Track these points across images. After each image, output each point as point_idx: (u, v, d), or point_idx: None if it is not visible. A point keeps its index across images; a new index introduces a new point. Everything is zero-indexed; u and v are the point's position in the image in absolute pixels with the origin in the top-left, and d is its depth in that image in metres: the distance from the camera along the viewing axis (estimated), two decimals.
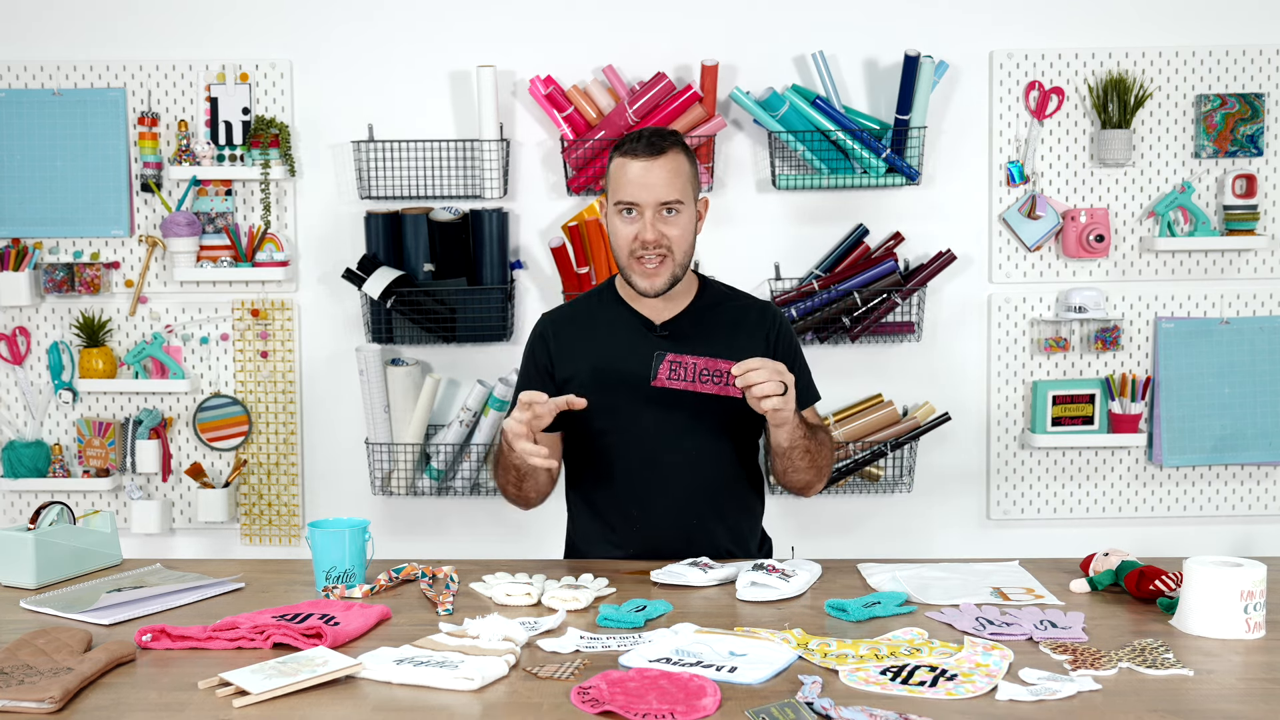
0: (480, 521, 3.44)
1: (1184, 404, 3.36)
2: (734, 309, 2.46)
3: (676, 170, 2.30)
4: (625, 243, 2.32)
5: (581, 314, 2.49)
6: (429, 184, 3.33)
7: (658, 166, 2.28)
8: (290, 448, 3.42)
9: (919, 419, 3.33)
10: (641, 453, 2.36)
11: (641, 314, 2.41)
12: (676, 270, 2.34)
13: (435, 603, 1.99)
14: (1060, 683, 1.60)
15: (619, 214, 2.32)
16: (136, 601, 2.02)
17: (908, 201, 3.35)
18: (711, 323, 2.42)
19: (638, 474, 2.37)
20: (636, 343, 2.37)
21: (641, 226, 2.29)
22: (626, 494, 2.40)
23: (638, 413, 2.34)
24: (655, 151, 2.29)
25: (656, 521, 2.38)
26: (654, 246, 2.29)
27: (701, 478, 2.38)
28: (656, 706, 1.51)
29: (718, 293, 2.48)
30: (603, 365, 2.38)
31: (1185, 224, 3.34)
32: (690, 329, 2.40)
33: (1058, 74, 3.33)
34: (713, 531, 2.40)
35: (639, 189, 2.28)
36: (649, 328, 2.40)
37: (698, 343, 2.35)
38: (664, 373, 2.16)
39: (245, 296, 3.40)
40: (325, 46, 3.35)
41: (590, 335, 2.43)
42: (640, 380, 2.26)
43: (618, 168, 2.32)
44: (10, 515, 3.43)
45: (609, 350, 2.39)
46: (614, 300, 2.45)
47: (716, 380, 2.15)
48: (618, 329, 2.41)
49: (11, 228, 3.36)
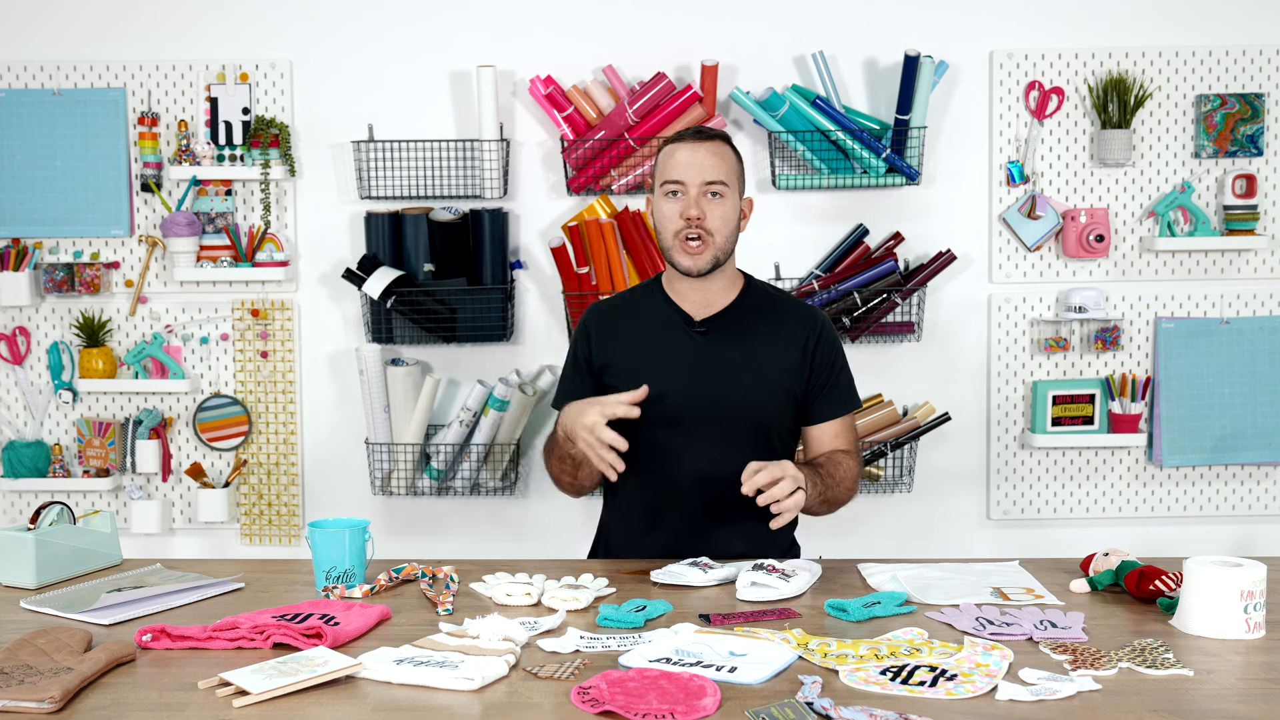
0: (480, 521, 3.44)
1: (1184, 404, 3.36)
2: (776, 311, 2.46)
3: (723, 156, 2.37)
4: (670, 221, 2.35)
5: (626, 305, 2.53)
6: (429, 184, 3.33)
7: (704, 150, 2.35)
8: (290, 448, 3.42)
9: (919, 419, 3.33)
10: (669, 450, 2.36)
11: (683, 309, 2.43)
12: (719, 254, 2.36)
13: (435, 603, 1.99)
14: (1060, 683, 1.61)
15: (665, 196, 2.36)
16: (136, 601, 2.02)
17: (908, 201, 3.35)
18: (751, 323, 2.43)
19: (666, 473, 2.37)
20: (674, 337, 2.41)
21: (686, 203, 2.33)
22: (655, 493, 2.40)
23: (669, 409, 2.34)
24: (704, 138, 2.37)
25: (679, 523, 2.38)
26: (697, 223, 2.32)
27: (724, 481, 2.27)
28: (656, 706, 1.51)
29: (762, 294, 2.49)
30: (640, 358, 2.41)
31: (1185, 224, 3.34)
32: (729, 327, 2.42)
33: (1058, 74, 3.33)
34: (731, 538, 2.37)
35: (685, 168, 2.34)
36: (688, 323, 2.42)
37: (735, 341, 2.38)
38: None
39: (245, 296, 3.40)
40: (325, 46, 3.36)
41: (630, 326, 2.46)
42: (674, 375, 2.31)
43: (666, 154, 2.39)
44: (10, 515, 3.43)
45: (647, 343, 2.42)
46: (659, 294, 2.48)
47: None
48: (658, 323, 2.44)
49: (11, 228, 3.36)
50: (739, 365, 2.39)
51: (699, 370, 2.38)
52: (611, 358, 2.44)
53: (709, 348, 2.40)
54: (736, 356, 2.40)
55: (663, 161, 2.39)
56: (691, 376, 2.37)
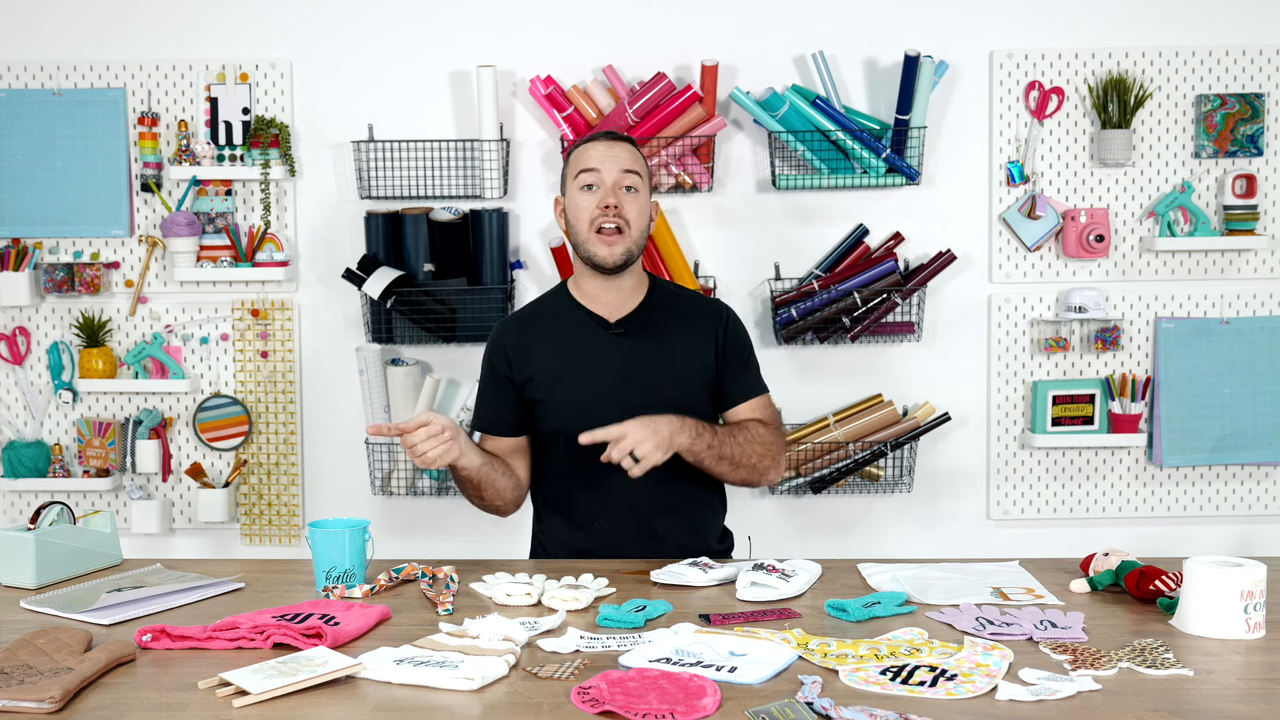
0: (480, 521, 3.41)
1: (1184, 404, 3.36)
2: (685, 307, 2.51)
3: (635, 154, 2.44)
4: (586, 213, 2.39)
5: (535, 318, 2.53)
6: (429, 184, 3.32)
7: (619, 147, 2.43)
8: (290, 448, 3.42)
9: (919, 419, 3.33)
10: (603, 451, 2.33)
11: (596, 313, 2.45)
12: (633, 247, 2.40)
13: (435, 603, 1.99)
14: (1060, 683, 1.60)
15: (580, 189, 2.41)
16: (136, 601, 2.02)
17: (908, 201, 3.35)
18: (664, 320, 2.46)
19: (600, 472, 2.35)
20: (593, 341, 2.43)
21: (603, 193, 2.38)
22: (589, 493, 2.41)
23: (598, 411, 2.32)
24: (616, 139, 2.44)
25: (619, 519, 2.41)
26: (614, 213, 2.36)
27: (662, 474, 2.33)
28: (656, 706, 1.51)
29: (668, 292, 2.54)
30: (562, 365, 2.43)
31: (1185, 224, 3.34)
32: (643, 327, 2.44)
33: (1058, 74, 3.33)
34: (673, 528, 2.43)
35: (602, 159, 2.40)
36: (604, 326, 2.44)
37: (651, 340, 2.41)
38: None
39: (245, 296, 3.40)
40: (325, 46, 3.36)
41: (547, 337, 2.47)
42: (599, 378, 2.33)
43: (580, 151, 2.45)
44: (10, 515, 3.43)
45: (567, 350, 2.43)
46: (567, 301, 2.49)
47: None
48: (573, 329, 2.45)
49: (11, 228, 3.36)
50: (661, 364, 2.42)
51: (623, 372, 2.40)
52: (533, 371, 2.44)
53: (629, 349, 2.42)
54: (656, 355, 2.42)
55: (576, 157, 2.43)
56: (617, 379, 2.40)
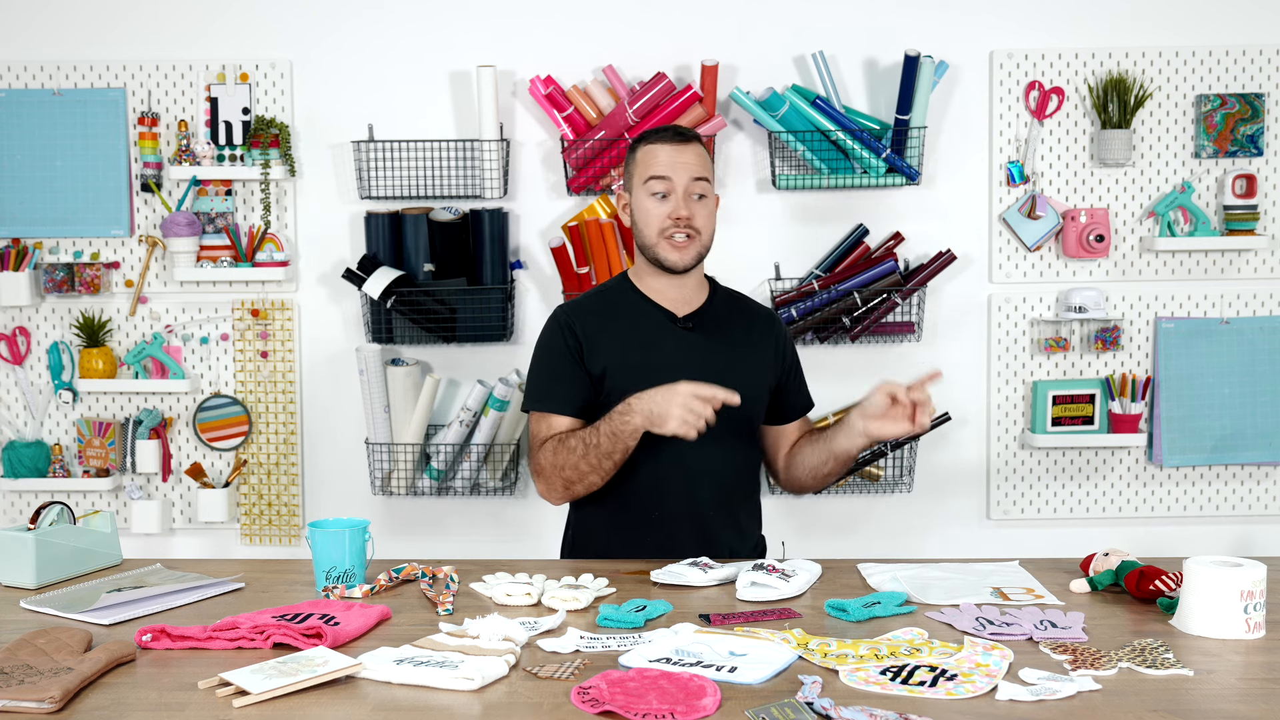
0: (480, 521, 3.44)
1: (1184, 404, 3.36)
2: (745, 311, 2.53)
3: (703, 156, 2.42)
4: (657, 220, 2.37)
5: (599, 306, 2.48)
6: (429, 184, 3.32)
7: (688, 150, 2.40)
8: (290, 448, 3.42)
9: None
10: (670, 447, 2.31)
11: (663, 307, 2.44)
12: (702, 250, 2.41)
13: (435, 603, 1.99)
14: (1060, 683, 1.60)
15: (650, 195, 2.38)
16: (136, 601, 2.02)
17: (908, 201, 3.35)
18: (727, 321, 2.47)
19: (665, 470, 2.36)
20: (662, 334, 2.42)
21: (675, 204, 2.36)
22: (650, 490, 2.38)
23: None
24: (684, 139, 2.41)
25: (676, 519, 2.38)
26: (685, 224, 2.36)
27: (724, 478, 2.42)
28: (656, 706, 1.51)
29: (727, 293, 2.55)
30: (635, 357, 2.39)
31: (1185, 224, 3.34)
32: (709, 324, 2.45)
33: (1058, 74, 3.33)
34: (726, 532, 2.42)
35: (672, 166, 2.37)
36: (672, 320, 2.43)
37: (718, 338, 2.42)
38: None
39: (245, 296, 3.40)
40: (325, 46, 3.36)
41: (615, 327, 2.43)
42: (675, 370, 2.29)
43: (646, 153, 2.40)
44: (10, 515, 3.43)
45: (637, 341, 2.41)
46: (631, 293, 2.47)
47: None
48: (642, 321, 2.44)
49: (11, 228, 3.36)
50: (728, 362, 2.41)
51: (695, 367, 2.35)
52: (608, 359, 2.39)
53: (697, 345, 2.42)
54: (724, 353, 2.42)
55: (644, 158, 2.40)
56: (694, 372, 2.31)
